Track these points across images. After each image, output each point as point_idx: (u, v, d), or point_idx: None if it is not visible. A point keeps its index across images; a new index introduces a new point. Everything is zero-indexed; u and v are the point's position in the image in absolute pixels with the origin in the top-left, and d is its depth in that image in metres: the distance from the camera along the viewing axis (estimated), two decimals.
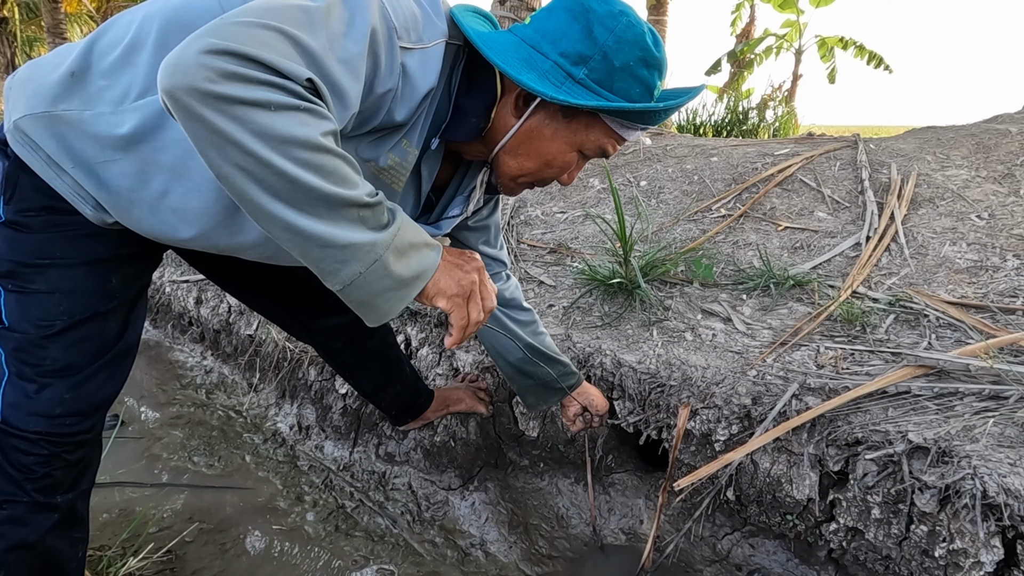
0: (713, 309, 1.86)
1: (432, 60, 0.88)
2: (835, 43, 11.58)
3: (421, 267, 0.82)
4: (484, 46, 0.89)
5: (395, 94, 0.85)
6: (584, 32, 0.89)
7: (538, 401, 1.59)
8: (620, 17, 0.89)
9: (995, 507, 1.12)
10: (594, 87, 0.90)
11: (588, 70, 0.89)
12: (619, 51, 0.89)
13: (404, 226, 0.80)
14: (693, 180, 2.84)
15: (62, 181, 0.94)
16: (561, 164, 1.02)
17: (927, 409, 1.33)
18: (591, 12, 0.89)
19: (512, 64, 0.89)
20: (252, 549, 1.66)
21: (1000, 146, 2.63)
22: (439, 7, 0.92)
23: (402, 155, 0.95)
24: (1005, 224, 2.06)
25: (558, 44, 0.90)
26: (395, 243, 0.78)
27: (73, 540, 1.11)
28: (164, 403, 2.45)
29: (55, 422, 1.02)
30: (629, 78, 0.91)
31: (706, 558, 1.58)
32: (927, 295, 1.74)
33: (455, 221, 1.17)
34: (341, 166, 0.73)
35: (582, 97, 0.90)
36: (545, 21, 0.92)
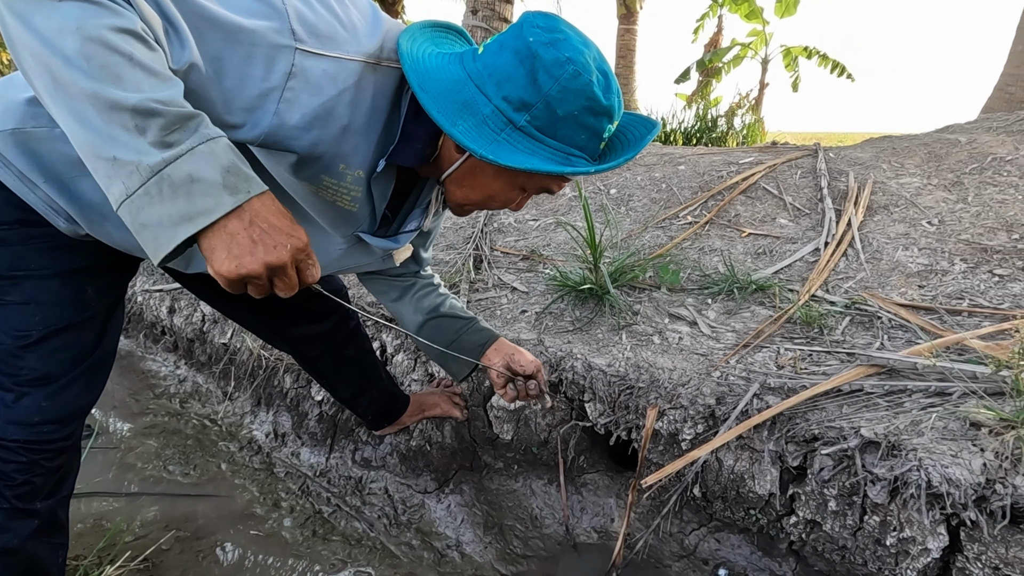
0: (680, 313, 1.93)
1: (345, 73, 0.83)
2: (800, 52, 11.89)
3: (197, 208, 0.68)
4: (421, 89, 0.85)
5: (281, 96, 0.79)
6: (528, 78, 0.84)
7: (459, 367, 1.48)
8: (566, 65, 0.84)
9: (939, 496, 1.20)
10: (536, 134, 0.87)
11: (530, 117, 0.86)
12: (563, 100, 0.85)
13: (197, 155, 0.68)
14: (661, 188, 2.92)
15: (35, 195, 0.96)
16: (504, 199, 1.02)
17: (878, 406, 1.40)
18: (537, 58, 0.84)
19: (448, 111, 0.85)
20: (230, 556, 1.68)
21: (950, 155, 2.75)
22: (378, 28, 0.90)
23: (338, 176, 0.92)
24: (954, 230, 2.17)
25: (502, 87, 0.85)
26: (169, 170, 0.67)
27: (54, 546, 1.12)
28: (137, 413, 2.44)
29: (33, 430, 1.04)
30: (574, 126, 0.87)
31: (674, 553, 1.64)
32: (880, 298, 1.83)
33: (412, 235, 1.16)
34: (120, 64, 0.65)
35: (512, 154, 0.86)
36: (494, 58, 0.87)
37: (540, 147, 0.88)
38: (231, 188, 0.70)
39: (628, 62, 11.10)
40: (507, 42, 0.87)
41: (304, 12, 0.80)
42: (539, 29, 0.86)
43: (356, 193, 0.97)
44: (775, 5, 11.48)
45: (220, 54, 0.75)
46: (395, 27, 0.93)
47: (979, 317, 1.70)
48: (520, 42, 0.85)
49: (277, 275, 0.76)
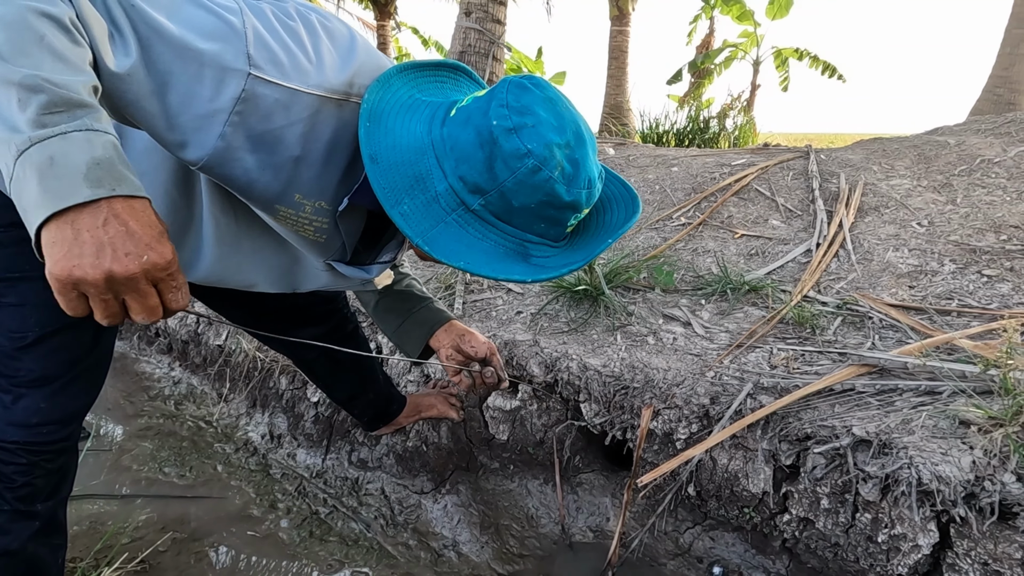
0: (674, 314, 1.94)
1: (299, 105, 0.79)
2: (790, 54, 11.96)
3: (48, 195, 0.62)
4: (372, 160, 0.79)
5: (228, 119, 0.75)
6: (485, 164, 0.78)
7: (409, 346, 1.46)
8: (525, 159, 0.77)
9: (929, 493, 1.22)
10: (489, 218, 0.82)
11: (485, 202, 0.80)
12: (518, 193, 0.79)
13: (71, 140, 0.63)
14: (655, 189, 2.94)
15: None
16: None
17: (870, 405, 1.42)
18: (496, 145, 0.77)
19: (395, 187, 0.80)
20: (227, 557, 1.68)
21: (939, 157, 2.79)
22: (350, 62, 0.84)
23: (295, 207, 0.88)
24: (943, 231, 2.20)
25: (459, 166, 0.80)
26: (32, 151, 0.62)
27: (54, 547, 1.13)
28: (132, 415, 2.44)
29: (32, 431, 1.04)
30: (531, 216, 0.82)
31: (669, 552, 1.65)
32: (871, 298, 1.86)
33: (385, 267, 1.13)
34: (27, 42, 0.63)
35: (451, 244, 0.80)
36: (459, 131, 0.80)
37: (492, 231, 0.82)
38: (93, 181, 0.63)
39: (621, 63, 11.13)
40: (473, 116, 0.80)
41: (264, 37, 0.76)
42: (506, 110, 0.78)
43: (320, 224, 0.92)
44: (767, 7, 11.54)
45: (169, 68, 0.72)
46: (373, 63, 0.87)
47: (968, 317, 1.72)
48: (484, 122, 0.78)
49: (126, 291, 0.67)
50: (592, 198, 0.85)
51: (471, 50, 5.62)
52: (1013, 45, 8.46)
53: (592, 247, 0.87)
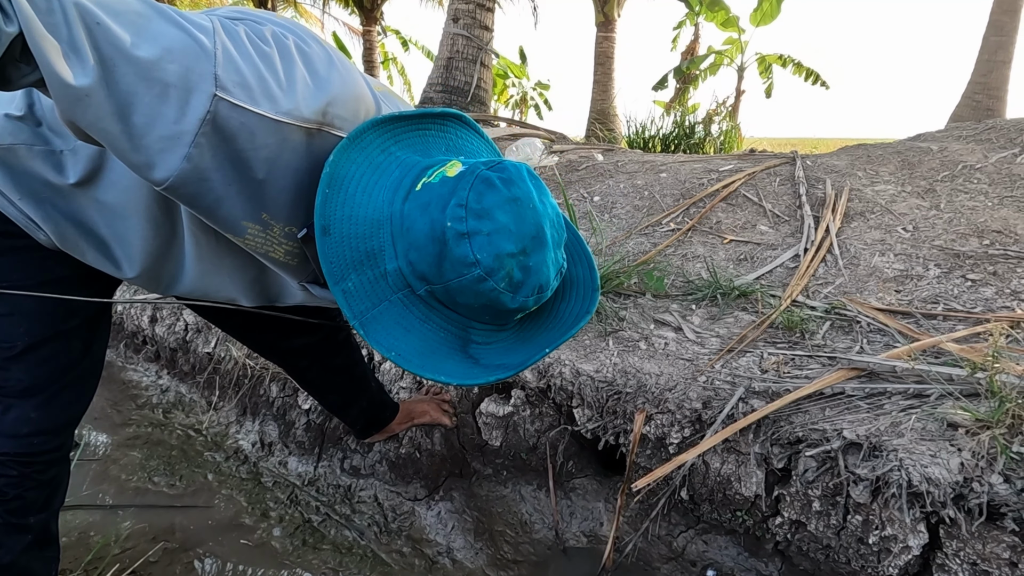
0: (665, 319, 1.96)
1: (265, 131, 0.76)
2: (774, 60, 12.10)
3: None
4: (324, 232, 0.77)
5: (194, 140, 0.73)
6: (435, 259, 0.77)
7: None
8: (472, 269, 0.75)
9: (919, 495, 1.24)
10: (434, 303, 0.82)
11: (431, 289, 0.80)
12: (462, 293, 0.78)
13: None
14: (644, 195, 2.97)
15: (14, 208, 0.96)
16: None
17: (859, 408, 1.45)
18: (447, 247, 0.76)
19: (342, 260, 0.78)
20: (219, 566, 1.67)
21: (923, 163, 2.84)
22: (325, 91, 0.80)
23: (262, 224, 0.85)
24: (928, 236, 2.24)
25: (411, 252, 0.78)
26: None
27: (47, 560, 1.12)
28: (120, 424, 2.41)
29: (23, 442, 1.03)
30: (476, 310, 0.81)
31: (663, 556, 1.66)
32: (859, 303, 1.89)
33: None
34: None
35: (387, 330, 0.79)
36: (416, 216, 0.78)
37: (435, 315, 0.82)
38: None
39: (607, 69, 11.21)
40: (432, 206, 0.77)
41: (234, 59, 0.74)
42: (463, 211, 0.75)
43: (290, 248, 0.90)
44: (751, 14, 11.69)
45: (132, 89, 0.69)
46: (351, 93, 0.83)
47: (953, 321, 1.76)
48: (440, 218, 0.76)
49: None
50: (541, 300, 0.83)
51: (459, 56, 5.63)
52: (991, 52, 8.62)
53: (534, 346, 0.85)
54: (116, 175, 0.89)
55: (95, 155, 0.88)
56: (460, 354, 0.83)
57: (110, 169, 0.89)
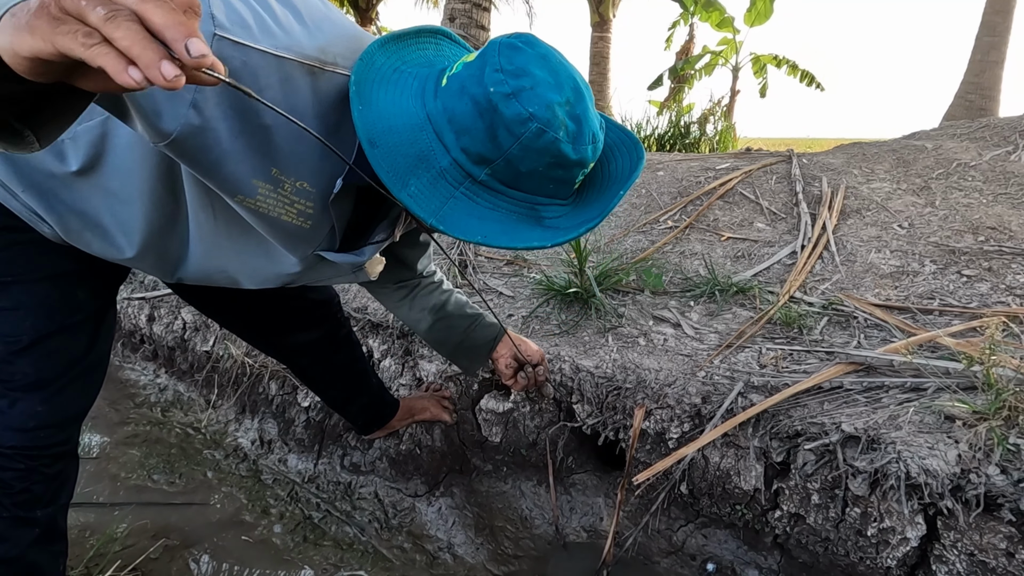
0: (664, 315, 1.97)
1: (268, 69, 0.74)
2: (769, 61, 12.15)
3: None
4: (371, 144, 0.77)
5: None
6: (488, 134, 0.76)
7: (470, 363, 1.56)
8: (529, 124, 0.75)
9: (917, 487, 1.25)
10: (498, 186, 0.80)
11: (491, 171, 0.78)
12: (525, 159, 0.77)
13: None
14: (641, 193, 2.98)
15: (17, 202, 0.96)
16: None
17: (857, 402, 1.46)
18: (496, 113, 0.75)
19: (399, 168, 0.77)
20: (220, 563, 1.67)
21: (918, 161, 2.86)
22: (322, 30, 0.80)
23: (272, 182, 0.83)
24: (923, 232, 2.25)
25: (461, 138, 0.77)
26: None
27: (54, 554, 1.12)
28: (118, 422, 2.41)
29: (29, 435, 1.03)
30: (540, 179, 0.80)
31: (663, 550, 1.67)
32: (856, 299, 1.90)
33: (378, 247, 1.08)
34: None
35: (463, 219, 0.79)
36: (454, 102, 0.78)
37: (502, 199, 0.81)
38: None
39: (602, 69, 11.23)
40: (468, 85, 0.77)
41: (230, 1, 0.72)
42: (501, 74, 0.75)
43: (304, 207, 0.88)
44: (745, 14, 11.73)
45: None
46: (348, 33, 0.84)
47: (949, 316, 1.77)
48: (480, 90, 0.76)
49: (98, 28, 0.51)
50: (597, 152, 0.84)
51: None
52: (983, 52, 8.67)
53: (603, 201, 0.85)
54: (118, 159, 0.88)
55: (96, 141, 0.87)
56: (539, 227, 0.82)
57: (111, 154, 0.88)
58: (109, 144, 0.88)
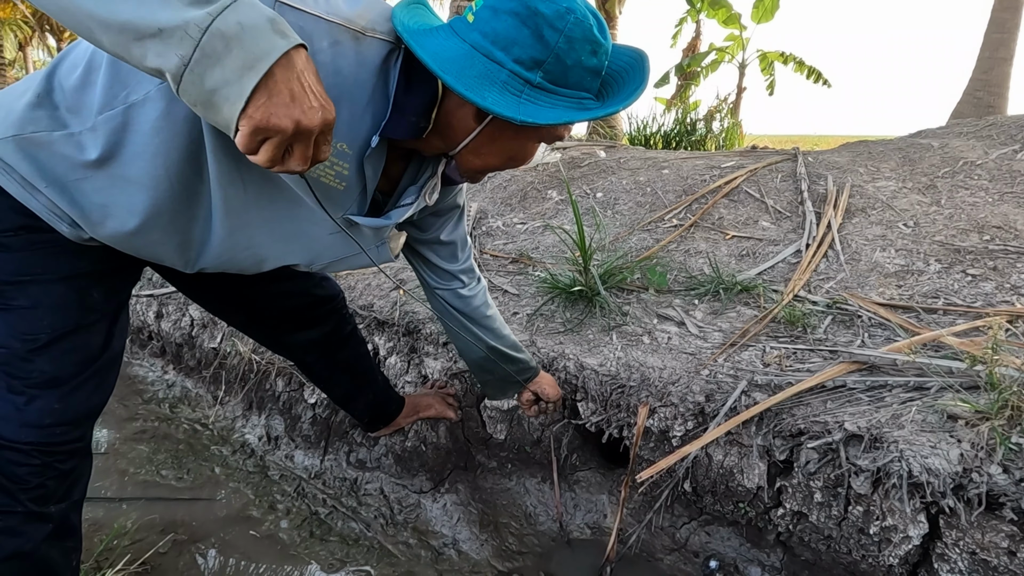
0: (668, 314, 1.98)
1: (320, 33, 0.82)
2: (776, 58, 12.09)
3: (260, 49, 0.66)
4: (441, 70, 0.86)
5: None
6: (535, 37, 0.87)
7: (496, 393, 1.71)
8: (567, 16, 0.87)
9: (919, 485, 1.26)
10: (550, 87, 0.91)
11: (543, 72, 0.89)
12: (570, 50, 0.89)
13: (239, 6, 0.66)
14: (646, 192, 2.98)
15: (37, 201, 0.97)
16: (523, 156, 1.05)
17: (860, 401, 1.46)
18: (539, 15, 0.87)
19: (473, 86, 0.87)
20: (227, 558, 1.69)
21: (923, 159, 2.85)
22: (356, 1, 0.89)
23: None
24: (928, 232, 2.25)
25: (510, 51, 0.88)
26: (218, 24, 0.65)
27: (67, 550, 1.13)
28: (126, 418, 2.43)
29: (45, 432, 1.05)
30: (581, 71, 0.92)
31: (666, 547, 1.68)
32: (860, 298, 1.90)
33: (407, 211, 1.12)
34: None
35: (547, 109, 0.90)
36: (491, 24, 0.88)
37: (557, 99, 0.91)
38: (280, 33, 0.68)
39: None
40: (500, 6, 0.88)
41: None
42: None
43: (340, 169, 0.96)
44: (752, 11, 11.67)
45: None
46: (377, 4, 0.92)
47: (953, 315, 1.77)
48: (517, 4, 0.87)
49: (300, 140, 0.72)
50: (611, 42, 0.96)
51: None
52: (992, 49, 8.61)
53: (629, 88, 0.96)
54: (140, 146, 0.89)
55: (116, 129, 0.88)
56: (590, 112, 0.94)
57: (133, 142, 0.89)
58: (130, 131, 0.88)
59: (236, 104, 0.67)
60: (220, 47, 0.65)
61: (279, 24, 0.69)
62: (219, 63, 0.65)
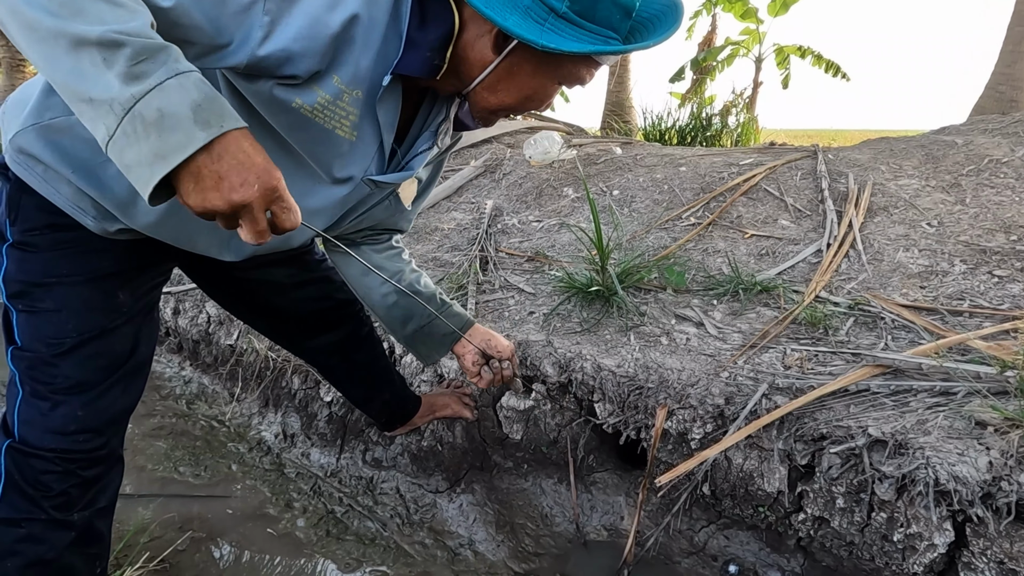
0: (686, 314, 1.96)
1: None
2: (793, 52, 11.94)
3: (170, 145, 0.66)
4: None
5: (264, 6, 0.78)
6: None
7: (430, 351, 1.51)
8: None
9: (946, 493, 1.23)
10: (576, 19, 0.86)
11: (570, 2, 0.85)
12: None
13: (166, 90, 0.66)
14: (663, 189, 2.95)
15: (60, 195, 0.97)
16: (542, 97, 0.99)
17: (885, 405, 1.44)
18: None
19: (493, 4, 0.83)
20: (244, 555, 1.69)
21: (947, 157, 2.80)
22: None
23: (333, 92, 0.87)
24: (953, 231, 2.21)
25: None
26: (139, 107, 0.65)
27: (90, 557, 1.12)
28: (144, 415, 2.45)
29: (69, 439, 1.04)
30: (611, 6, 0.87)
31: (684, 550, 1.67)
32: (883, 299, 1.87)
33: (425, 157, 1.09)
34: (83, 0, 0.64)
35: (571, 41, 0.85)
36: None
37: (583, 32, 0.87)
38: (203, 123, 0.68)
39: (623, 60, 11.12)
40: None
41: None
42: None
43: (354, 118, 0.92)
44: (768, 4, 11.53)
45: None
46: None
47: (980, 317, 1.74)
48: None
49: (243, 215, 0.72)
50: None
51: None
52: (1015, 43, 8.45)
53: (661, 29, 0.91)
54: None
55: None
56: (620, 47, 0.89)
57: None
58: None
59: (144, 188, 0.68)
60: (140, 130, 0.65)
61: (204, 112, 0.68)
62: (136, 145, 0.66)
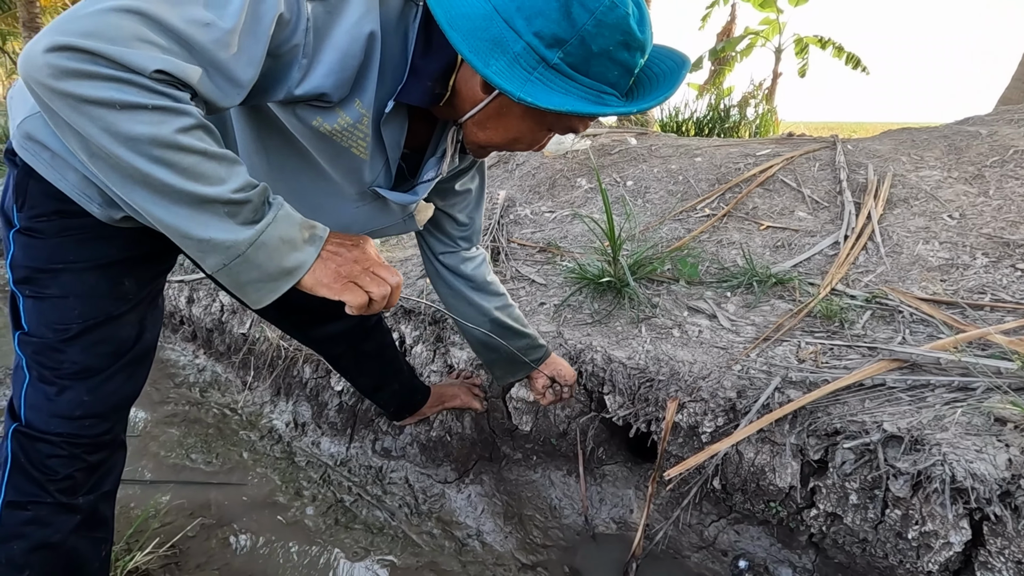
0: (699, 306, 1.93)
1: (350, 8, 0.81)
2: (813, 42, 11.77)
3: (293, 263, 0.81)
4: (450, 27, 0.80)
5: (302, 49, 0.78)
6: (562, 12, 0.79)
7: (505, 374, 1.63)
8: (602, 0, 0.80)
9: (963, 491, 1.20)
10: (568, 71, 0.82)
11: (563, 54, 0.81)
12: (598, 36, 0.80)
13: (279, 222, 0.78)
14: (678, 180, 2.92)
15: (67, 182, 0.97)
16: (530, 141, 0.98)
17: (901, 400, 1.41)
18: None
19: (479, 50, 0.81)
20: (254, 543, 1.70)
21: (971, 148, 2.73)
22: None
23: (355, 116, 0.88)
24: (975, 224, 2.15)
25: (532, 22, 0.80)
26: (263, 239, 0.77)
27: (96, 541, 1.13)
28: (158, 402, 2.47)
29: (75, 424, 1.05)
30: (607, 62, 0.83)
31: (693, 544, 1.65)
32: (901, 292, 1.83)
33: (430, 185, 1.09)
34: (200, 163, 0.70)
35: (557, 95, 0.82)
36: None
37: (573, 86, 0.83)
38: (310, 240, 0.83)
39: None
40: None
41: None
42: None
43: (370, 140, 0.93)
44: None
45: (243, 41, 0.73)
46: None
47: (1001, 312, 1.69)
48: None
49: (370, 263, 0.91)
50: (651, 44, 0.88)
51: None
52: None
53: (662, 91, 0.87)
54: None
55: None
56: (609, 107, 0.86)
57: None
58: None
59: (265, 298, 0.82)
60: (262, 256, 0.78)
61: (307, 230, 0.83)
62: (257, 267, 0.78)
